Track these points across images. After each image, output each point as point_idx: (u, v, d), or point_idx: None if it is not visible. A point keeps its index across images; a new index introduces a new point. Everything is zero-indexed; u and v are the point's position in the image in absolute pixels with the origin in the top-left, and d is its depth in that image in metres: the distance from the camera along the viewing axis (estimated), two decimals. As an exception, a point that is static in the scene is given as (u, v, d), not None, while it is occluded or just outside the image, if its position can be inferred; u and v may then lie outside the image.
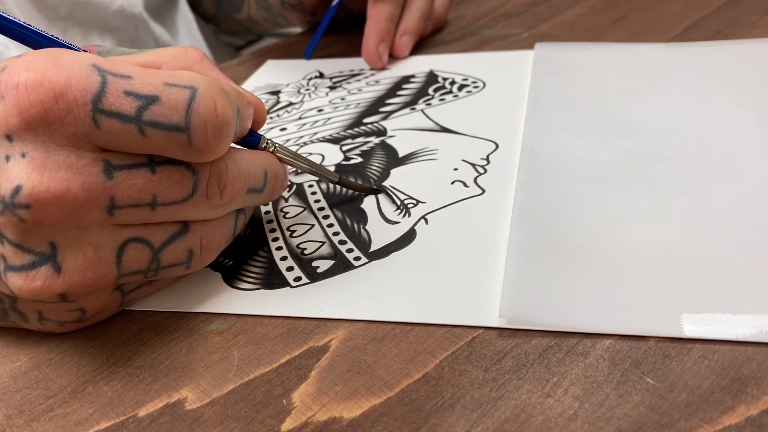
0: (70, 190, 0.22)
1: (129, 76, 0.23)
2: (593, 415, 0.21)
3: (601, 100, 0.39)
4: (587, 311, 0.25)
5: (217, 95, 0.23)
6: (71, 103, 0.22)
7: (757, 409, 0.20)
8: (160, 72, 0.23)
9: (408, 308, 0.26)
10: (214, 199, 0.25)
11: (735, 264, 0.26)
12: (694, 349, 0.23)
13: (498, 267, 0.27)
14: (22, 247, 0.23)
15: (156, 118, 0.22)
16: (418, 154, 0.37)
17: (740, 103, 0.36)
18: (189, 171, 0.24)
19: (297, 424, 0.22)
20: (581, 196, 0.31)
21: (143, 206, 0.24)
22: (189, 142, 0.23)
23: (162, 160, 0.24)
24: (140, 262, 0.25)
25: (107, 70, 0.22)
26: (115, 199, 0.23)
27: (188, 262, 0.26)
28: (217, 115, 0.23)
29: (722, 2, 0.50)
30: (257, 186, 0.28)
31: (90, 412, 0.24)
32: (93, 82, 0.22)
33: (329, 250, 0.30)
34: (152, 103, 0.22)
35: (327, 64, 0.51)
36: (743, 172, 0.31)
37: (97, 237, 0.23)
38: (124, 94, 0.22)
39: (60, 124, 0.22)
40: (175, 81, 0.23)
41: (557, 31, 0.50)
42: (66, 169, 0.22)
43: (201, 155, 0.24)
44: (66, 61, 0.22)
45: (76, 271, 0.23)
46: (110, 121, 0.22)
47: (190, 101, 0.23)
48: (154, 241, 0.25)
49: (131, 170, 0.23)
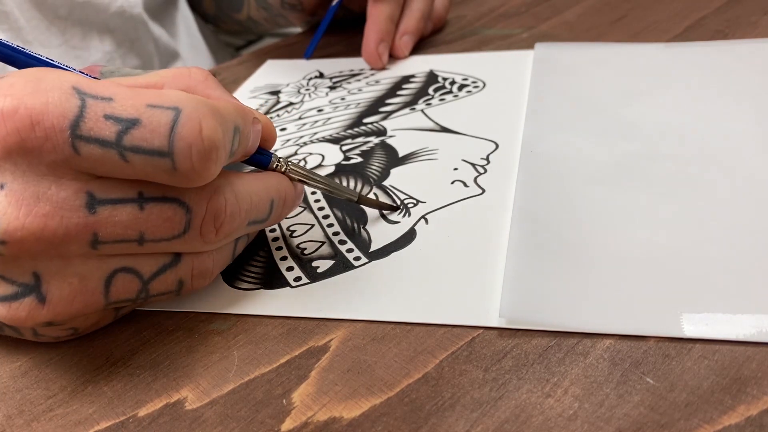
0: (48, 226, 0.21)
1: (110, 98, 0.21)
2: (593, 415, 0.21)
3: (601, 100, 0.39)
4: (587, 311, 0.25)
5: (203, 116, 0.22)
6: (48, 131, 0.20)
7: (757, 409, 0.20)
8: (145, 92, 0.22)
9: (408, 308, 0.26)
10: (209, 237, 0.24)
11: (735, 264, 0.26)
12: (694, 349, 0.23)
13: (498, 267, 0.27)
14: (4, 278, 0.22)
15: (137, 142, 0.21)
16: (418, 154, 0.37)
17: (740, 103, 0.36)
18: (182, 209, 0.23)
19: (297, 424, 0.22)
20: (581, 196, 0.31)
21: (129, 242, 0.23)
22: (173, 167, 0.22)
23: (153, 195, 0.23)
24: (129, 292, 0.24)
25: (87, 93, 0.21)
26: (99, 234, 0.22)
27: (178, 290, 0.25)
28: (203, 138, 0.22)
29: (722, 2, 0.50)
30: (260, 218, 0.26)
31: (90, 412, 0.24)
32: (71, 107, 0.21)
33: (329, 250, 0.30)
34: (132, 127, 0.21)
35: (327, 64, 0.51)
36: (743, 171, 0.31)
37: (83, 267, 0.23)
38: (104, 118, 0.21)
39: (39, 152, 0.21)
40: (158, 102, 0.22)
41: (557, 31, 0.50)
42: (45, 202, 0.21)
43: (187, 181, 0.22)
44: (46, 83, 0.21)
45: (61, 301, 0.22)
46: (89, 147, 0.21)
47: (173, 123, 0.21)
48: (144, 272, 0.24)
49: (116, 205, 0.22)
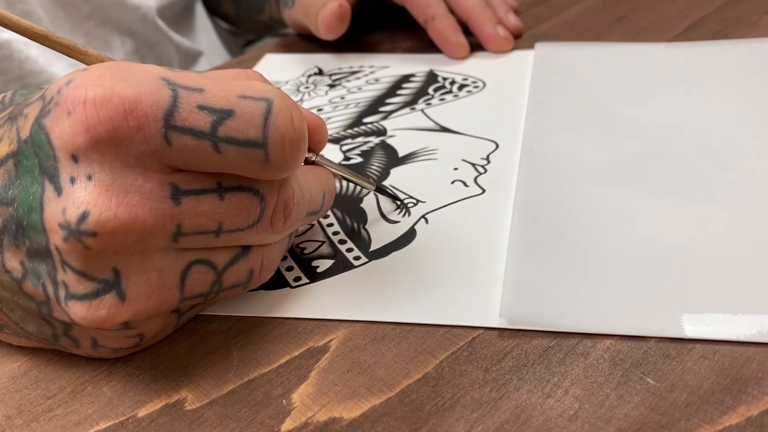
0: (139, 216, 0.21)
1: (201, 89, 0.21)
2: (593, 416, 0.21)
3: (601, 100, 0.39)
4: (587, 311, 0.25)
5: (293, 107, 0.22)
6: (142, 120, 0.20)
7: (758, 410, 0.20)
8: (233, 84, 0.22)
9: (408, 308, 0.26)
10: (277, 226, 0.24)
11: (735, 264, 0.26)
12: (695, 350, 0.23)
13: (498, 267, 0.27)
14: (86, 275, 0.21)
15: (232, 133, 0.21)
16: (418, 154, 0.37)
17: (740, 103, 0.36)
18: (257, 198, 0.23)
19: (297, 425, 0.22)
20: (581, 196, 0.31)
21: (208, 233, 0.23)
22: (266, 158, 0.22)
23: (231, 185, 0.22)
24: (203, 285, 0.24)
25: (178, 84, 0.21)
26: (182, 225, 0.22)
27: (247, 282, 0.25)
28: (295, 128, 0.22)
29: (723, 2, 0.50)
30: (316, 208, 0.27)
31: (89, 413, 0.24)
32: (164, 97, 0.20)
33: (329, 250, 0.30)
34: (227, 118, 0.21)
35: (326, 59, 0.51)
36: (743, 171, 0.31)
37: (161, 261, 0.22)
38: (197, 109, 0.21)
39: (129, 142, 0.20)
40: (249, 93, 0.22)
41: (557, 31, 0.50)
42: (134, 193, 0.21)
43: (277, 172, 0.22)
44: (135, 74, 0.21)
45: (140, 297, 0.22)
46: (183, 138, 0.21)
47: (267, 114, 0.21)
48: (218, 263, 0.24)
49: (199, 196, 0.22)
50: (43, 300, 0.23)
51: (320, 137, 0.28)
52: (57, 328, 0.24)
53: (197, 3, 0.68)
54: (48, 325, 0.24)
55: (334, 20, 0.47)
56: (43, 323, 0.24)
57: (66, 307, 0.22)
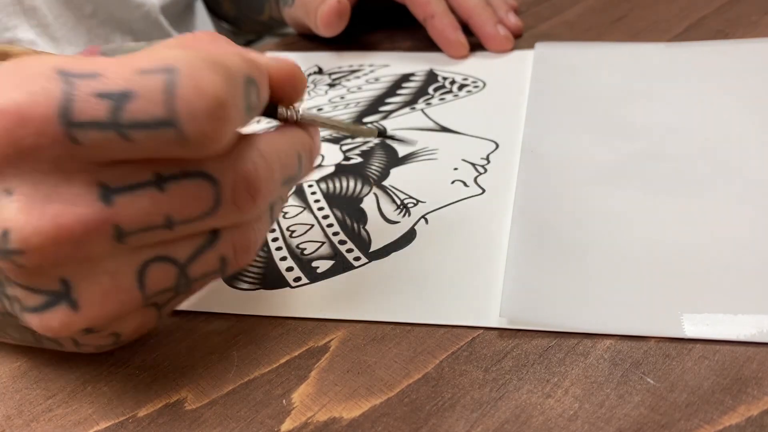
0: (64, 226, 0.19)
1: (95, 74, 0.19)
2: (593, 416, 0.21)
3: (601, 100, 0.39)
4: (587, 311, 0.25)
5: (201, 70, 0.19)
6: (40, 124, 0.18)
7: (758, 410, 0.20)
8: (132, 58, 0.19)
9: (408, 308, 0.26)
10: (246, 206, 0.22)
11: (735, 264, 0.26)
12: (695, 350, 0.23)
13: (498, 267, 0.27)
14: (32, 289, 0.20)
15: (135, 116, 0.18)
16: (418, 154, 0.37)
17: (740, 103, 0.36)
18: (207, 181, 0.21)
19: (297, 425, 0.22)
20: (581, 196, 0.31)
21: (157, 228, 0.20)
22: (181, 135, 0.19)
23: (171, 173, 0.20)
24: (166, 281, 0.22)
25: (72, 72, 0.19)
26: (121, 226, 0.20)
27: (222, 269, 0.23)
28: (205, 95, 0.19)
29: (723, 2, 0.50)
30: (293, 173, 0.24)
31: (89, 413, 0.24)
32: (57, 92, 0.18)
33: (329, 251, 0.30)
34: (126, 100, 0.18)
35: (326, 58, 0.51)
36: (743, 171, 0.31)
37: (112, 264, 0.21)
38: (94, 97, 0.18)
39: (36, 149, 0.19)
40: (149, 66, 0.19)
41: (557, 31, 0.50)
42: (56, 202, 0.19)
43: (201, 148, 0.20)
44: (25, 73, 0.19)
45: (94, 304, 0.21)
46: (87, 132, 0.19)
47: (170, 86, 0.19)
48: (179, 257, 0.22)
49: (134, 191, 0.20)
50: (6, 311, 0.22)
51: (291, 87, 0.24)
52: (35, 333, 0.23)
53: (197, 2, 0.68)
54: (27, 330, 0.23)
55: (333, 16, 0.47)
56: (23, 329, 0.23)
57: (23, 319, 0.21)
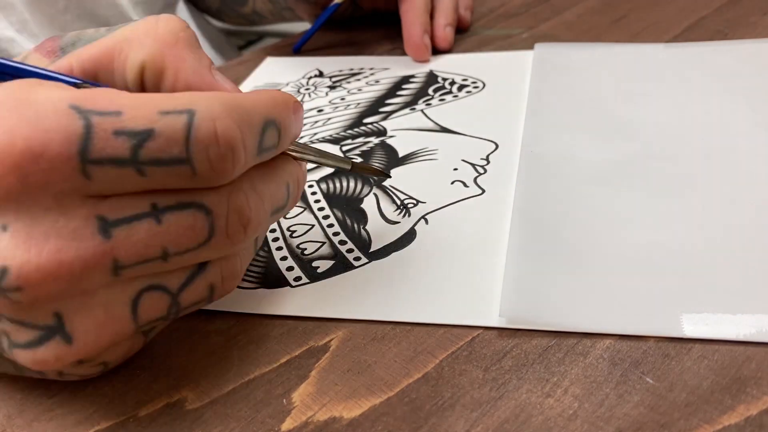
0: (64, 262, 0.19)
1: (117, 112, 0.19)
2: (593, 415, 0.21)
3: (601, 100, 0.39)
4: (587, 311, 0.25)
5: (218, 116, 0.20)
6: (54, 161, 0.18)
7: (757, 409, 0.20)
8: (153, 98, 0.20)
9: (408, 308, 0.26)
10: (237, 237, 0.22)
11: (735, 264, 0.26)
12: (694, 349, 0.23)
13: (498, 267, 0.27)
14: (25, 323, 0.20)
15: (154, 154, 0.19)
16: (418, 154, 0.37)
17: (740, 103, 0.36)
18: (201, 212, 0.21)
19: (297, 424, 0.22)
20: (581, 196, 0.31)
21: (154, 260, 0.21)
22: (193, 172, 0.20)
23: (168, 204, 0.21)
24: (159, 310, 0.22)
25: (90, 110, 0.19)
26: (119, 260, 0.20)
27: (210, 296, 0.23)
28: (219, 137, 0.20)
29: (722, 2, 0.50)
30: (280, 204, 0.24)
31: (90, 412, 0.24)
32: (76, 129, 0.19)
33: (329, 251, 0.30)
34: (147, 139, 0.19)
35: (327, 62, 0.51)
36: (743, 171, 0.31)
37: (106, 296, 0.21)
38: (114, 135, 0.19)
39: (44, 185, 0.19)
40: (170, 107, 0.20)
41: (557, 31, 0.50)
42: (56, 237, 0.19)
43: (209, 182, 0.21)
44: (36, 106, 0.19)
45: (89, 336, 0.21)
46: (103, 169, 0.19)
47: (188, 128, 0.20)
48: (171, 286, 0.22)
49: (132, 224, 0.20)
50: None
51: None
52: (17, 364, 0.23)
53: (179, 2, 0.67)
54: (8, 362, 0.23)
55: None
56: (4, 361, 0.23)
57: (12, 355, 0.21)
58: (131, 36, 0.24)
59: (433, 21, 0.50)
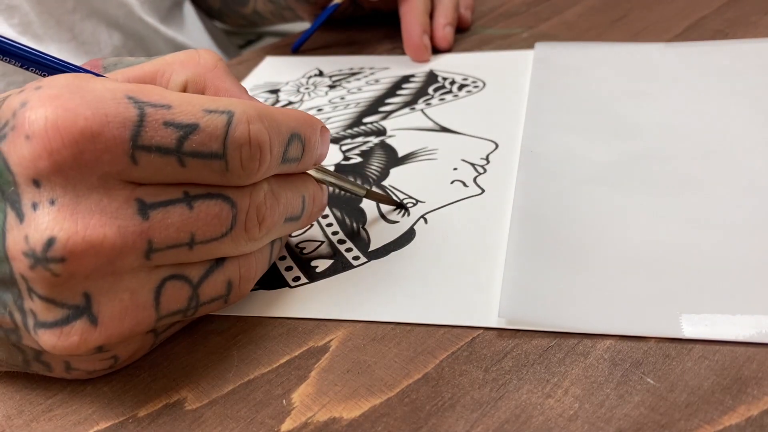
0: (108, 237, 0.20)
1: (168, 106, 0.21)
2: (593, 416, 0.21)
3: (601, 100, 0.39)
4: (587, 311, 0.25)
5: (251, 118, 0.22)
6: (109, 143, 0.20)
7: (758, 410, 0.20)
8: (200, 98, 0.22)
9: (408, 308, 0.26)
10: (253, 232, 0.24)
11: (735, 264, 0.26)
12: (695, 350, 0.23)
13: (498, 267, 0.27)
14: (54, 302, 0.21)
15: (196, 147, 0.21)
16: (418, 154, 0.37)
17: (740, 102, 0.36)
18: (228, 203, 0.23)
19: (297, 425, 0.22)
20: (581, 196, 0.31)
21: (181, 246, 0.22)
22: (226, 168, 0.22)
23: (198, 193, 0.22)
24: (180, 301, 0.23)
25: (144, 101, 0.21)
26: (153, 241, 0.21)
27: (227, 295, 0.25)
28: (251, 138, 0.22)
29: (722, 2, 0.50)
30: (295, 214, 0.26)
31: (89, 412, 0.24)
32: (131, 117, 0.20)
33: (328, 250, 0.30)
34: (192, 132, 0.21)
35: (327, 61, 0.51)
36: (743, 172, 0.31)
37: (133, 281, 0.22)
38: (164, 126, 0.21)
39: (95, 164, 0.20)
40: (213, 107, 0.22)
41: (557, 31, 0.50)
42: (100, 214, 0.20)
43: (237, 179, 0.23)
44: (96, 93, 0.20)
45: (113, 320, 0.21)
46: (150, 156, 0.21)
47: (227, 126, 0.22)
48: (192, 276, 0.23)
49: (167, 207, 0.22)
50: (11, 328, 0.22)
51: None
52: (28, 354, 0.23)
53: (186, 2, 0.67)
54: (18, 351, 0.23)
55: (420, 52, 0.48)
56: (14, 350, 0.23)
57: (35, 336, 0.21)
58: (173, 61, 0.27)
59: (433, 21, 0.50)
